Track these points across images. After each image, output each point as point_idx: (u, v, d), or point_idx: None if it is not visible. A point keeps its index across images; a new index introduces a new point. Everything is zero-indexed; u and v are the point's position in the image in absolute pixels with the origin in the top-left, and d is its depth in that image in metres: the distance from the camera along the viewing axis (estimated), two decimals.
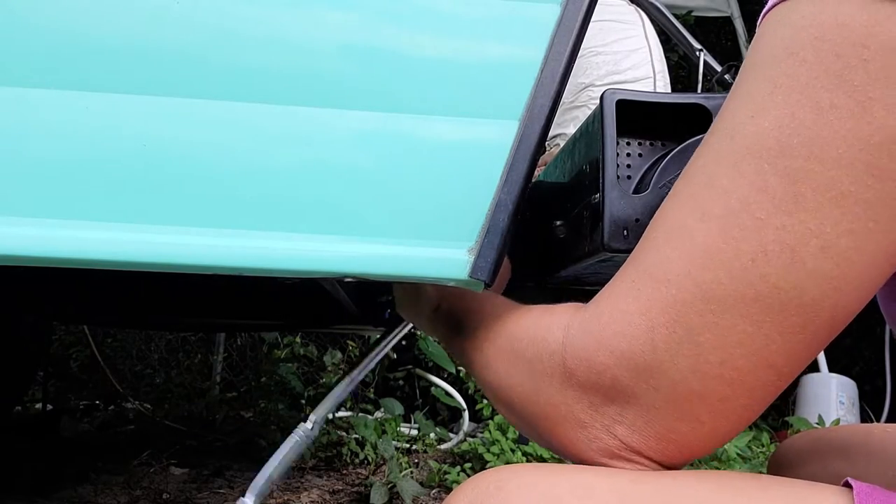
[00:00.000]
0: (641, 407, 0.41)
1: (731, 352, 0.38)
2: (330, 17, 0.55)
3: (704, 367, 0.39)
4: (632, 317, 0.41)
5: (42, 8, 0.53)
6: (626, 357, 0.40)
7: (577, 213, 0.61)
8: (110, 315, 1.68)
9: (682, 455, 0.42)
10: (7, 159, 0.51)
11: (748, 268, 0.37)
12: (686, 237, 0.39)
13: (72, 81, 0.52)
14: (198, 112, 0.53)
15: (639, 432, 0.41)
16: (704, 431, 0.40)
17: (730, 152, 0.39)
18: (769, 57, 0.38)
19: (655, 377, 0.40)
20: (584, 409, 0.43)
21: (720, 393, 0.39)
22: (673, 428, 0.40)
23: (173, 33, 0.53)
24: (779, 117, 0.37)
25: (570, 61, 0.55)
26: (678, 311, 0.39)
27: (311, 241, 0.53)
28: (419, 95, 0.55)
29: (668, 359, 0.39)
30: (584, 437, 0.43)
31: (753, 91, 0.38)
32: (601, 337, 0.42)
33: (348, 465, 2.31)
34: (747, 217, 0.37)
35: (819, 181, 0.35)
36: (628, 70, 2.04)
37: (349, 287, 1.16)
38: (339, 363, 2.76)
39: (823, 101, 0.35)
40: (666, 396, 0.40)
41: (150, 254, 0.52)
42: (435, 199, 0.54)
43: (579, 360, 0.43)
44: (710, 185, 0.39)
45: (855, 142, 0.35)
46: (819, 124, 0.35)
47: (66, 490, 1.86)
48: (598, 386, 0.42)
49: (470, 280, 0.53)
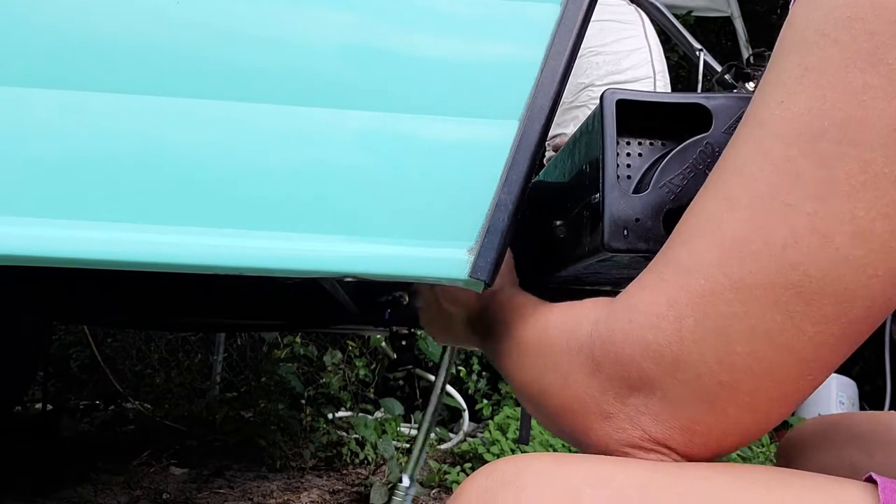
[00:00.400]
0: (667, 398, 0.40)
1: (760, 343, 0.37)
2: (330, 17, 0.55)
3: (732, 359, 0.38)
4: (659, 308, 0.40)
5: (42, 8, 0.53)
6: (654, 349, 0.40)
7: (577, 213, 0.61)
8: (110, 315, 1.68)
9: (707, 448, 0.41)
10: (7, 159, 0.51)
11: (779, 256, 0.36)
12: (714, 227, 0.39)
13: (72, 81, 0.52)
14: (198, 112, 0.53)
15: (663, 423, 0.41)
16: (730, 425, 0.40)
17: (759, 139, 0.38)
18: (800, 40, 0.37)
19: (682, 369, 0.39)
20: (610, 401, 0.42)
21: (748, 386, 0.38)
22: (698, 420, 0.40)
23: (173, 33, 0.53)
24: (809, 101, 0.36)
25: (570, 61, 0.55)
26: (707, 302, 0.38)
27: (311, 241, 0.53)
28: (419, 95, 0.55)
29: (695, 350, 0.39)
30: (609, 427, 0.43)
31: (783, 76, 0.38)
32: (629, 329, 0.41)
33: (348, 465, 2.31)
34: (777, 204, 0.36)
35: (852, 164, 0.34)
36: (628, 70, 2.04)
37: (349, 287, 1.16)
38: (339, 363, 2.76)
39: (857, 81, 0.34)
40: (692, 388, 0.39)
41: (150, 254, 0.52)
42: (435, 199, 0.54)
43: (607, 353, 0.42)
44: (739, 174, 0.39)
45: (890, 122, 0.34)
46: (852, 105, 0.34)
47: (66, 490, 1.86)
48: (625, 377, 0.42)
49: (470, 280, 0.53)
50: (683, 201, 0.53)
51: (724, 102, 0.54)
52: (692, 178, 0.53)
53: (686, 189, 0.53)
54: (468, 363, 2.96)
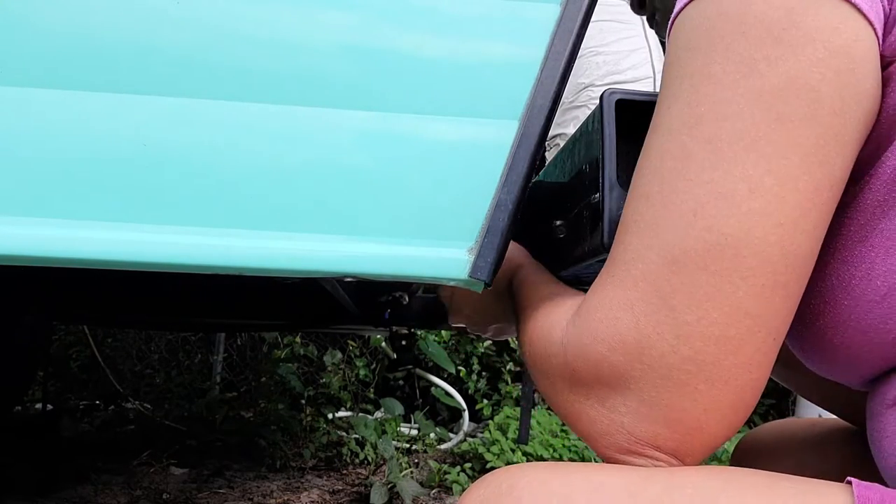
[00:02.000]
0: (641, 389, 0.42)
1: (703, 307, 0.40)
2: (330, 17, 0.55)
3: (685, 329, 0.40)
4: (612, 300, 0.43)
5: (42, 8, 0.53)
6: (616, 340, 0.42)
7: (577, 213, 0.61)
8: (110, 315, 1.68)
9: (693, 441, 0.42)
10: (7, 159, 0.51)
11: (692, 223, 0.40)
12: (639, 219, 0.43)
13: (72, 81, 0.52)
14: (198, 112, 0.53)
15: (644, 418, 0.42)
16: (707, 404, 0.41)
17: (655, 139, 0.44)
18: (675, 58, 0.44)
19: (646, 352, 0.41)
20: (592, 405, 0.44)
21: (708, 354, 0.40)
22: (674, 405, 0.41)
23: (173, 33, 0.54)
24: (688, 97, 0.42)
25: (570, 61, 0.55)
26: (648, 283, 0.42)
27: (311, 241, 0.53)
28: (419, 95, 0.55)
29: (651, 330, 0.41)
30: (595, 433, 0.44)
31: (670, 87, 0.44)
32: (592, 328, 0.44)
33: (348, 465, 2.31)
34: (680, 182, 0.41)
35: (731, 134, 0.40)
36: (628, 70, 2.04)
37: (349, 287, 1.16)
38: (339, 363, 2.76)
39: (717, 72, 0.41)
40: (660, 371, 0.41)
41: (150, 254, 0.52)
42: (435, 199, 0.54)
43: (578, 356, 0.45)
44: (648, 171, 0.44)
45: (749, 94, 0.40)
46: (719, 90, 0.41)
47: (66, 490, 1.86)
48: (600, 377, 0.43)
49: (470, 280, 0.53)
50: None
51: None
52: None
53: None
54: (468, 363, 2.96)
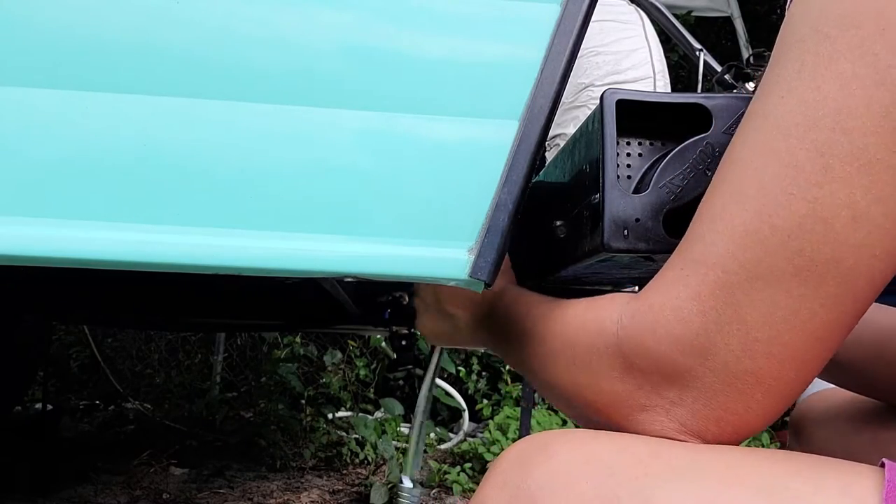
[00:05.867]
0: (700, 390, 0.42)
1: (777, 328, 0.39)
2: (330, 17, 0.55)
3: (754, 346, 0.40)
4: (683, 302, 0.42)
5: (42, 8, 0.53)
6: (682, 342, 0.42)
7: (577, 213, 0.61)
8: (110, 315, 1.68)
9: (735, 435, 0.43)
10: (7, 159, 0.51)
11: (785, 243, 0.38)
12: (727, 220, 0.41)
13: (72, 81, 0.52)
14: (198, 112, 0.53)
15: (698, 415, 0.42)
16: (759, 411, 0.41)
17: (762, 133, 0.40)
18: (796, 38, 0.39)
19: (710, 359, 0.41)
20: (646, 394, 0.44)
21: (772, 371, 0.40)
22: (730, 408, 0.41)
23: (173, 33, 0.53)
24: (805, 93, 0.38)
25: (570, 61, 0.55)
26: (725, 293, 0.40)
27: (311, 241, 0.53)
28: (419, 95, 0.55)
29: (720, 340, 0.40)
30: (644, 419, 0.44)
31: (782, 72, 0.40)
32: (656, 326, 0.43)
33: (348, 465, 2.31)
34: (780, 194, 0.38)
35: (846, 151, 0.36)
36: (628, 70, 2.04)
37: (349, 287, 1.16)
38: (339, 363, 2.76)
39: (846, 72, 0.36)
40: (722, 378, 0.41)
41: (150, 254, 0.52)
42: (435, 198, 0.54)
43: (636, 350, 0.44)
44: (745, 168, 0.41)
45: (878, 109, 0.36)
46: (843, 95, 0.36)
47: (66, 490, 1.86)
48: (660, 372, 0.43)
49: (470, 280, 0.53)
50: (684, 201, 0.53)
51: (724, 102, 0.54)
52: (692, 178, 0.53)
53: (686, 189, 0.53)
54: (468, 363, 2.96)
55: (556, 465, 0.42)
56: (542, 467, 0.43)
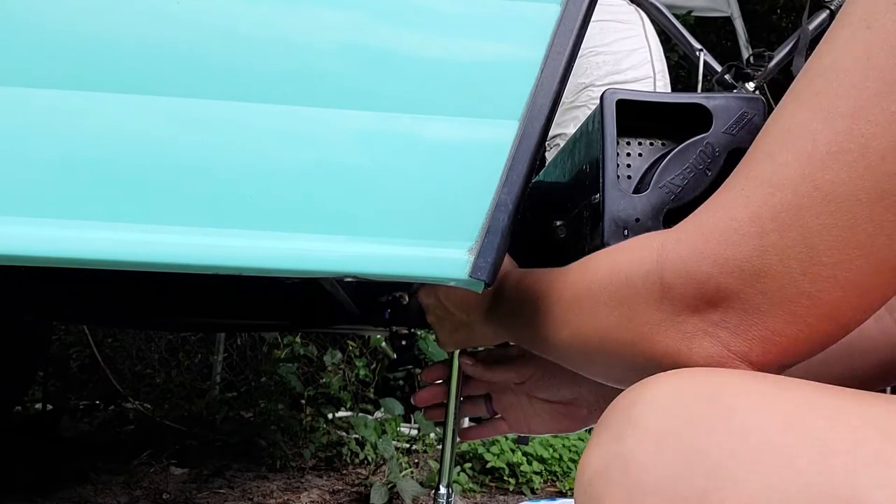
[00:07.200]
0: (747, 311, 0.40)
1: (848, 253, 0.37)
2: (330, 17, 0.55)
3: (817, 269, 0.37)
4: (739, 224, 0.39)
5: (42, 8, 0.53)
6: (732, 263, 0.39)
7: (577, 213, 0.61)
8: (110, 315, 1.68)
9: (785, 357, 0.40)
10: (7, 159, 0.51)
11: (876, 166, 0.35)
12: (808, 139, 0.38)
13: (72, 81, 0.52)
14: (198, 112, 0.53)
15: (743, 335, 0.40)
16: (810, 334, 0.39)
17: (863, 44, 0.37)
18: None
19: (763, 281, 0.39)
20: (687, 318, 0.42)
21: (832, 296, 0.38)
22: (779, 331, 0.39)
23: (173, 33, 0.53)
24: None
25: (570, 61, 0.55)
26: (793, 216, 0.38)
27: (311, 241, 0.53)
28: (419, 95, 0.55)
29: (777, 262, 0.38)
30: (686, 345, 0.42)
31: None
32: (704, 247, 0.41)
33: (348, 465, 2.31)
34: (880, 112, 0.35)
35: None
36: (628, 70, 2.04)
37: (349, 287, 1.16)
38: (339, 363, 2.76)
39: None
40: (773, 299, 0.39)
41: (150, 254, 0.52)
42: (435, 199, 0.54)
43: (678, 273, 0.42)
44: (838, 82, 0.37)
45: None
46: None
47: (66, 490, 1.86)
48: (701, 294, 0.41)
49: (470, 280, 0.53)
50: (684, 201, 0.53)
51: (724, 102, 0.54)
52: (692, 178, 0.53)
53: (686, 189, 0.53)
54: None
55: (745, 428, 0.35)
56: (722, 427, 0.35)
